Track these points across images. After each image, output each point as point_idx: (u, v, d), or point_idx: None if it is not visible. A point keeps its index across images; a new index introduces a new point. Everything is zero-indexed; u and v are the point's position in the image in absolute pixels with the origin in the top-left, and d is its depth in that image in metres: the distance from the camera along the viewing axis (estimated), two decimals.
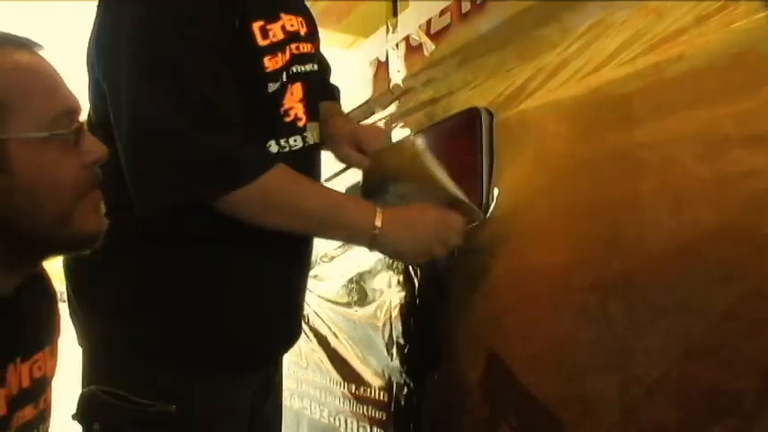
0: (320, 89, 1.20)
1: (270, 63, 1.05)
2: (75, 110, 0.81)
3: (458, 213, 1.12)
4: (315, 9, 1.52)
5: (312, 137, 1.14)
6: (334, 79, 1.40)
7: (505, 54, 1.26)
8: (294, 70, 1.09)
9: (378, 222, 1.05)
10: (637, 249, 0.94)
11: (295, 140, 1.10)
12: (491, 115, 1.23)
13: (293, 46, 1.09)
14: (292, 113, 1.09)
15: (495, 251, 1.19)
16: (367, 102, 1.75)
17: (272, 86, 1.06)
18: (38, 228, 0.79)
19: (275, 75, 1.06)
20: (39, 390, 0.87)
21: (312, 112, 1.13)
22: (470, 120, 1.27)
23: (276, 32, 1.06)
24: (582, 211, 1.04)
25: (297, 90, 1.09)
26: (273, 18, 1.06)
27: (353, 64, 1.89)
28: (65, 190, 0.80)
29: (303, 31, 1.14)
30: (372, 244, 1.07)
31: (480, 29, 1.31)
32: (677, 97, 0.90)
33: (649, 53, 0.95)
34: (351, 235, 1.13)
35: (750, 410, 0.78)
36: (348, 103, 1.83)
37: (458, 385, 1.28)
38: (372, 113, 1.74)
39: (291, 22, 1.10)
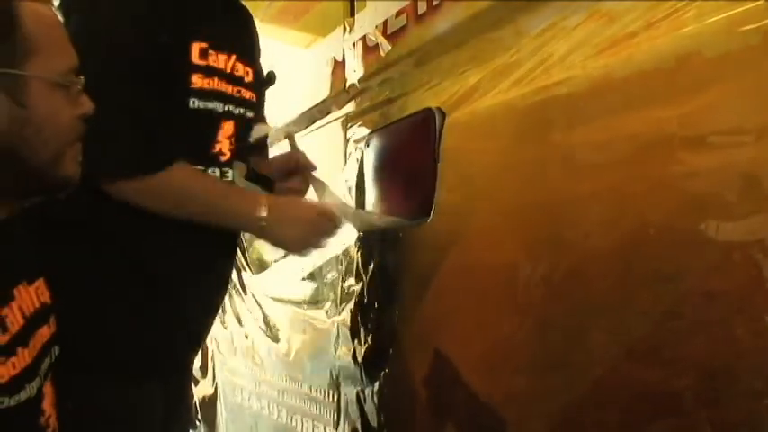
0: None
1: (198, 81, 1.12)
2: (78, 67, 0.92)
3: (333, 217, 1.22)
4: (273, 8, 1.50)
5: (232, 176, 1.23)
6: (292, 78, 1.42)
7: (460, 55, 1.27)
8: (229, 108, 1.17)
9: (263, 212, 1.14)
10: (581, 248, 0.94)
11: (213, 171, 1.18)
12: (443, 115, 1.24)
13: (235, 89, 1.18)
14: (218, 147, 1.18)
15: (443, 250, 1.20)
16: (324, 101, 1.74)
17: (197, 103, 1.13)
18: (36, 161, 0.88)
19: (202, 94, 1.13)
20: (47, 313, 0.95)
21: (237, 152, 1.22)
22: (425, 121, 1.28)
23: (218, 61, 1.15)
24: (529, 210, 1.05)
25: (228, 127, 1.18)
26: (222, 50, 1.15)
27: (311, 63, 1.88)
28: (63, 133, 0.90)
29: (248, 79, 1.24)
30: (260, 232, 1.18)
31: (436, 30, 1.32)
32: (624, 98, 0.91)
33: (599, 56, 0.96)
34: (239, 222, 1.21)
35: (689, 410, 0.79)
36: (306, 101, 1.83)
37: (404, 384, 1.29)
38: (329, 112, 1.74)
39: (237, 68, 1.19)
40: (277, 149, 1.44)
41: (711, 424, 0.77)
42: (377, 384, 1.36)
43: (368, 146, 1.48)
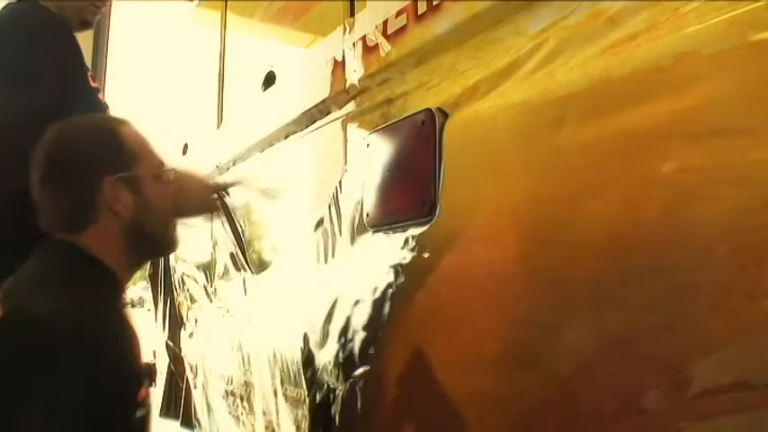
0: None
1: None
2: (165, 161, 1.36)
3: None
4: (273, 8, 1.49)
5: None
6: (292, 78, 1.43)
7: (460, 55, 1.27)
8: None
9: None
10: (573, 245, 0.95)
11: None
12: (445, 115, 1.24)
13: None
14: None
15: (439, 249, 1.20)
16: (324, 101, 1.74)
17: None
18: (153, 232, 1.30)
19: None
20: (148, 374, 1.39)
21: None
22: (425, 121, 1.28)
23: None
24: (531, 210, 1.05)
25: None
26: None
27: (311, 63, 1.88)
28: (167, 208, 1.34)
29: None
30: None
31: (436, 30, 1.32)
32: (622, 96, 0.91)
33: (599, 56, 0.96)
34: None
35: (658, 408, 0.80)
36: (306, 101, 1.83)
37: (376, 383, 1.29)
38: (329, 112, 1.74)
39: None
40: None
41: (679, 421, 0.77)
42: (348, 384, 1.37)
43: (368, 146, 1.48)
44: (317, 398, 1.47)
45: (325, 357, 1.48)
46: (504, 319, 1.05)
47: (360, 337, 1.38)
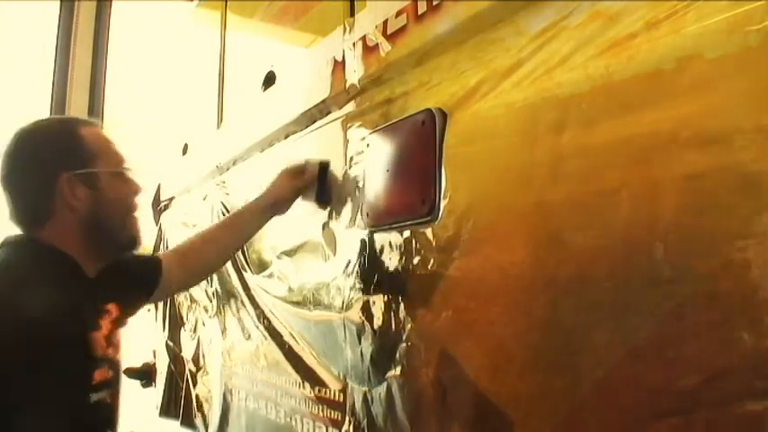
0: None
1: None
2: (126, 160, 1.40)
3: None
4: (273, 8, 1.49)
5: None
6: (293, 78, 1.43)
7: (460, 55, 1.27)
8: None
9: None
10: (585, 249, 0.95)
11: None
12: (445, 116, 1.24)
13: None
14: None
15: (450, 251, 1.20)
16: (324, 101, 1.74)
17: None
18: (111, 228, 1.35)
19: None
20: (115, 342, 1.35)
21: None
22: (425, 121, 1.28)
23: None
24: (534, 211, 1.05)
25: None
26: None
27: (311, 63, 1.88)
28: (125, 205, 1.39)
29: None
30: None
31: (436, 30, 1.31)
32: (625, 99, 0.91)
33: (600, 56, 0.96)
34: None
35: (691, 410, 0.80)
36: (306, 101, 1.83)
37: (411, 385, 1.29)
38: (329, 112, 1.74)
39: None
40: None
41: (713, 424, 0.77)
42: (384, 385, 1.36)
43: (368, 146, 1.48)
44: (353, 396, 1.47)
45: (349, 359, 1.50)
46: (525, 324, 1.05)
47: (381, 339, 1.39)
